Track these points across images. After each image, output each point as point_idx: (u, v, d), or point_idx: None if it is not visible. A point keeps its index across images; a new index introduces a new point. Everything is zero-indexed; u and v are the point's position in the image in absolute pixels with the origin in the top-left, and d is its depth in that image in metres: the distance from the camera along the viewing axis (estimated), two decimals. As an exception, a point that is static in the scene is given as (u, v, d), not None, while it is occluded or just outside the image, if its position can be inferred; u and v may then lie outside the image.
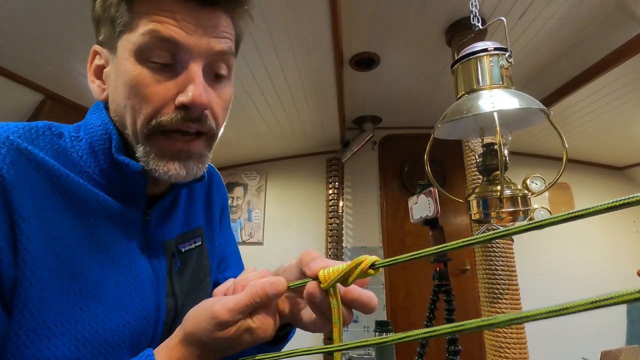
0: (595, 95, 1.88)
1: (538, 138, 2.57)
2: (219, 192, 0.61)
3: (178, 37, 0.38)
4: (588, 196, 2.77)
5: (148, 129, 0.39)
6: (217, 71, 0.42)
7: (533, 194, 0.79)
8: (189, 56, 0.39)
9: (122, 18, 0.39)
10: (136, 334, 0.41)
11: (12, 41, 1.28)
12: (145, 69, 0.39)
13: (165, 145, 0.40)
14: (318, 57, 1.63)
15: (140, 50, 0.38)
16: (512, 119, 0.79)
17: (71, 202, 0.38)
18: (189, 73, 0.39)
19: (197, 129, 0.41)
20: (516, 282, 1.37)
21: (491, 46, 0.76)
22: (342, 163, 2.77)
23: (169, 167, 0.40)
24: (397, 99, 2.41)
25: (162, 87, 0.39)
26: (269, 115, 2.21)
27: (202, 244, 0.55)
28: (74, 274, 0.37)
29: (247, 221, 2.91)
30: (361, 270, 0.33)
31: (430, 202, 0.94)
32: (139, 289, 0.42)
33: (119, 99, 0.40)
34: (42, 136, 0.40)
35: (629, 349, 0.98)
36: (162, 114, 0.39)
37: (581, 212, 0.23)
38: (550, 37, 1.66)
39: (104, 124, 0.43)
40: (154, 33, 0.38)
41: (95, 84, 0.44)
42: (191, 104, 0.38)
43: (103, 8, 0.41)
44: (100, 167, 0.42)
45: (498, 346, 1.31)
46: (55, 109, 1.64)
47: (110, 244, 0.41)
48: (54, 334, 0.34)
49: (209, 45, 0.40)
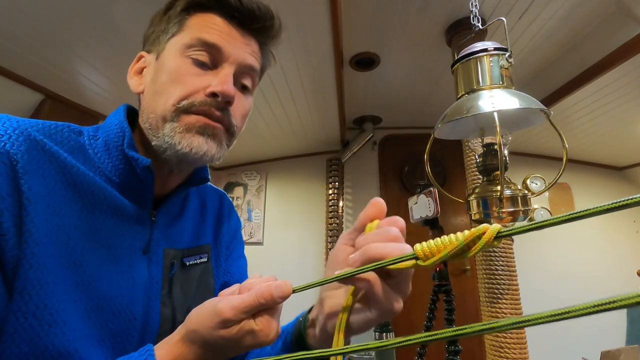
0: (595, 96, 1.88)
1: (538, 138, 2.57)
2: (230, 217, 0.64)
3: (220, 44, 0.46)
4: (588, 196, 2.77)
5: (178, 108, 0.44)
6: (243, 82, 0.49)
7: (533, 194, 0.79)
8: (224, 60, 0.46)
9: (176, 26, 0.47)
10: (119, 336, 0.41)
11: (12, 41, 1.28)
12: (187, 62, 0.45)
13: (194, 120, 0.44)
14: (318, 57, 1.63)
15: (185, 47, 0.45)
16: (512, 119, 0.79)
17: (79, 195, 0.40)
18: (222, 71, 0.46)
19: (219, 117, 0.45)
20: (516, 282, 1.37)
21: (491, 46, 0.76)
22: (342, 163, 2.77)
23: (192, 140, 0.43)
24: (397, 99, 2.41)
25: (198, 79, 0.45)
26: (269, 115, 2.21)
27: (208, 261, 0.55)
28: (74, 265, 0.38)
29: (247, 221, 2.91)
30: (486, 242, 0.27)
31: (430, 202, 0.94)
32: (131, 291, 0.43)
33: (156, 85, 0.46)
34: (60, 132, 0.43)
35: (629, 349, 0.98)
36: (194, 97, 0.44)
37: (582, 212, 0.23)
38: (550, 37, 1.66)
39: (120, 122, 0.46)
40: (201, 38, 0.45)
41: (133, 79, 0.50)
42: (220, 93, 0.44)
43: (160, 22, 0.49)
44: (113, 163, 0.45)
45: (498, 346, 1.31)
46: (55, 109, 1.64)
47: (113, 240, 0.42)
48: (56, 321, 0.35)
49: (242, 56, 0.47)
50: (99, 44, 1.35)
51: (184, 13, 0.47)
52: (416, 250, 0.30)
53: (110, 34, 1.30)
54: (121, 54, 1.41)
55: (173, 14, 0.48)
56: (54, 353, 0.35)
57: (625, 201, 0.22)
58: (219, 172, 3.06)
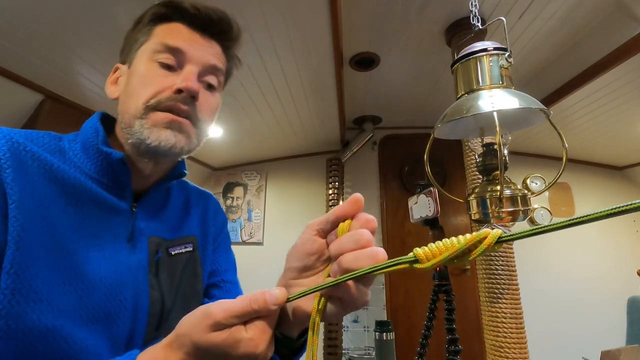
0: (595, 95, 1.88)
1: (538, 138, 2.57)
2: (216, 213, 0.68)
3: (183, 47, 0.51)
4: (588, 196, 2.77)
5: (147, 106, 0.48)
6: (208, 81, 0.53)
7: (533, 193, 0.78)
8: (188, 61, 0.51)
9: (143, 37, 0.52)
10: (111, 315, 0.44)
11: (12, 41, 1.28)
12: (153, 66, 0.50)
13: (160, 117, 0.48)
14: (318, 57, 1.63)
15: (153, 53, 0.50)
16: (512, 119, 0.79)
17: (62, 189, 0.44)
18: (186, 70, 0.50)
19: (186, 112, 0.49)
20: (516, 282, 1.37)
21: (491, 46, 0.76)
22: (342, 163, 2.77)
23: (160, 134, 0.48)
24: (397, 99, 2.41)
25: (164, 79, 0.49)
26: (269, 115, 2.21)
27: (194, 250, 0.58)
28: (60, 250, 0.41)
29: (247, 221, 2.91)
30: (486, 247, 0.28)
31: (430, 202, 0.94)
32: (119, 274, 0.46)
33: (128, 91, 0.50)
34: (41, 138, 0.48)
35: (629, 349, 0.98)
36: (160, 95, 0.49)
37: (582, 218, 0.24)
38: (550, 37, 1.66)
39: (94, 124, 0.51)
40: (165, 43, 0.50)
41: (110, 88, 0.55)
42: (184, 88, 0.48)
43: (133, 34, 0.55)
44: (92, 161, 0.49)
45: (498, 346, 1.31)
46: (55, 109, 1.64)
47: (98, 229, 0.46)
48: (40, 299, 0.38)
49: (205, 57, 0.52)
50: (99, 44, 1.35)
51: (151, 24, 0.53)
52: (417, 254, 0.31)
53: (111, 35, 1.30)
54: (121, 54, 1.41)
55: (141, 26, 0.54)
56: (41, 328, 0.38)
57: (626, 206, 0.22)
58: (219, 172, 3.06)
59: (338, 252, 0.35)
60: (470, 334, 2.43)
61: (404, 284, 2.60)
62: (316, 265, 0.39)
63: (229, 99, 1.95)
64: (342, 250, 0.34)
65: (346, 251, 0.34)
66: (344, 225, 0.36)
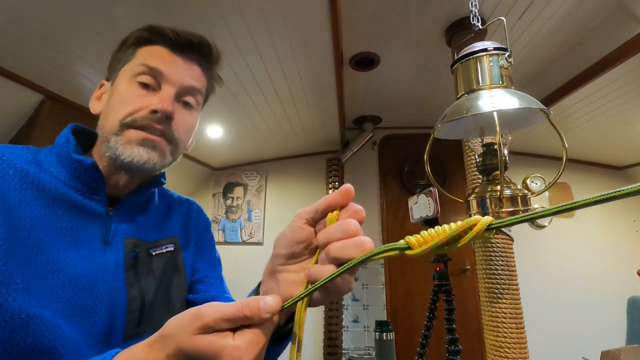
0: (595, 95, 1.88)
1: (538, 138, 2.57)
2: (198, 217, 0.70)
3: (162, 67, 0.53)
4: (588, 196, 2.69)
5: (122, 123, 0.51)
6: (186, 100, 0.56)
7: (533, 193, 0.79)
8: (166, 81, 0.54)
9: (126, 57, 0.55)
10: (87, 311, 0.46)
11: (12, 41, 1.28)
12: (133, 86, 0.53)
13: (134, 134, 0.51)
14: (318, 57, 1.63)
15: (132, 74, 0.53)
16: (512, 119, 0.79)
17: (38, 193, 0.47)
18: (162, 91, 0.53)
19: (160, 131, 0.52)
20: (516, 282, 1.37)
21: (491, 46, 0.76)
22: (342, 163, 2.77)
23: (133, 151, 0.50)
24: (397, 99, 2.41)
25: (142, 99, 0.52)
26: (269, 115, 2.21)
27: (175, 250, 0.61)
28: (37, 247, 0.44)
29: (247, 221, 2.91)
30: (476, 233, 0.28)
31: (430, 202, 0.94)
32: (95, 273, 0.48)
33: (109, 109, 0.54)
34: (19, 151, 0.50)
35: (629, 349, 0.98)
36: (136, 114, 0.51)
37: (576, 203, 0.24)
38: (550, 36, 1.66)
39: (65, 135, 0.54)
40: (146, 64, 0.53)
41: (94, 103, 0.58)
42: (159, 109, 0.51)
43: (117, 54, 0.57)
44: (66, 170, 0.51)
45: (498, 346, 1.31)
46: (55, 109, 1.64)
47: (74, 231, 0.48)
48: (22, 290, 0.40)
49: (183, 78, 0.55)
50: (99, 44, 1.35)
51: (134, 46, 0.56)
52: (408, 240, 0.31)
53: (111, 35, 1.30)
54: (121, 54, 1.41)
55: (125, 47, 0.57)
56: (23, 316, 0.40)
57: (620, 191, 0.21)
58: (219, 172, 3.06)
59: (326, 240, 0.35)
60: (470, 333, 2.43)
61: (404, 284, 2.60)
62: (304, 253, 0.39)
63: (229, 99, 1.95)
64: (330, 239, 0.35)
65: (334, 240, 0.35)
66: (333, 215, 0.37)
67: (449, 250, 0.30)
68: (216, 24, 1.35)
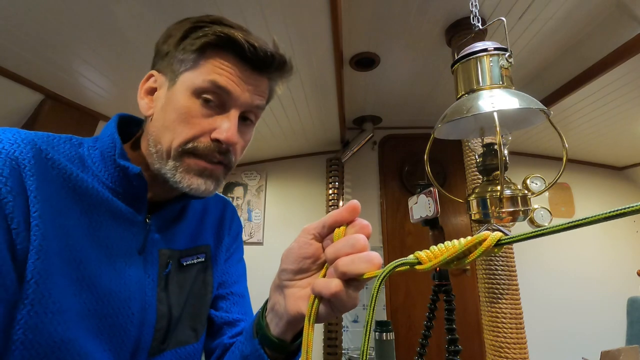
0: (595, 95, 1.88)
1: (538, 138, 2.57)
2: (232, 222, 0.67)
3: (231, 88, 0.48)
4: (588, 196, 2.77)
5: (183, 149, 0.47)
6: (247, 117, 0.52)
7: (533, 194, 0.78)
8: (233, 103, 0.49)
9: (190, 60, 0.48)
10: (117, 328, 0.44)
11: (12, 41, 1.28)
12: (197, 103, 0.47)
13: (194, 164, 0.48)
14: (318, 57, 1.63)
15: (198, 90, 0.47)
16: (512, 119, 0.79)
17: (79, 198, 0.44)
18: (229, 116, 0.48)
19: (221, 160, 0.49)
20: (516, 282, 1.37)
21: (491, 46, 0.76)
22: (342, 163, 2.77)
23: (192, 181, 0.48)
24: (397, 99, 2.41)
25: (205, 121, 0.48)
26: (269, 115, 2.21)
27: (206, 261, 0.59)
28: (73, 261, 0.41)
29: (247, 221, 2.91)
30: (485, 249, 0.28)
31: (430, 202, 0.94)
32: (128, 288, 0.46)
33: (165, 120, 0.48)
34: (62, 144, 0.47)
35: (629, 349, 0.98)
36: (199, 141, 0.47)
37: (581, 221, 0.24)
38: (550, 37, 1.66)
39: (112, 134, 0.50)
40: (214, 82, 0.47)
41: (144, 100, 0.52)
42: (225, 141, 0.47)
43: (175, 48, 0.49)
44: (109, 171, 0.48)
45: (498, 346, 1.31)
46: (55, 109, 1.64)
47: (111, 240, 0.46)
48: (59, 310, 0.39)
49: (250, 99, 0.50)
50: (99, 44, 1.35)
51: (201, 51, 0.48)
52: (418, 256, 0.31)
53: (111, 35, 1.30)
54: (121, 55, 1.41)
55: (189, 47, 0.48)
56: (57, 340, 0.38)
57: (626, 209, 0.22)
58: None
59: (334, 256, 0.36)
60: (470, 334, 2.43)
61: (404, 284, 2.60)
62: (311, 268, 0.40)
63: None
64: (338, 254, 0.35)
65: (342, 255, 0.35)
66: (340, 230, 0.37)
67: (457, 265, 0.31)
68: (216, 24, 1.35)
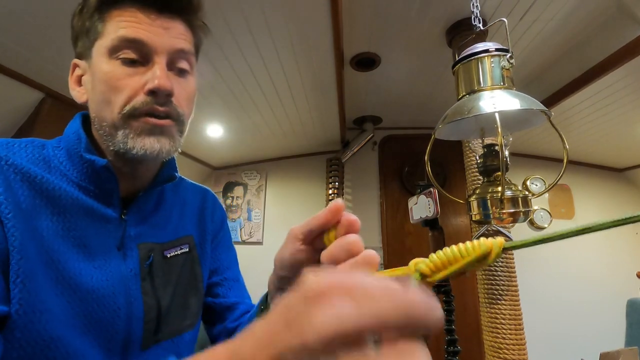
0: (596, 97, 1.88)
1: (538, 139, 2.57)
2: (214, 210, 0.66)
3: (143, 36, 0.45)
4: (588, 198, 2.77)
5: (123, 115, 0.45)
6: (179, 66, 0.49)
7: (533, 195, 0.78)
8: (153, 52, 0.46)
9: (95, 28, 0.46)
10: (104, 324, 0.44)
11: (12, 39, 1.27)
12: (116, 65, 0.45)
13: (140, 125, 0.45)
14: (318, 57, 1.63)
15: (111, 50, 0.45)
16: (513, 120, 0.79)
17: (47, 200, 0.44)
18: (154, 65, 0.46)
19: (165, 112, 0.46)
20: (515, 283, 1.37)
21: (492, 47, 0.76)
22: (342, 163, 2.77)
23: (144, 142, 0.45)
24: (398, 99, 2.41)
25: (132, 79, 0.45)
26: (269, 115, 2.21)
27: (190, 251, 0.58)
28: (51, 262, 0.41)
29: (247, 221, 2.91)
30: (495, 256, 0.29)
31: (430, 203, 0.94)
32: (111, 284, 0.46)
33: (97, 95, 0.46)
34: (24, 148, 0.46)
35: (628, 351, 0.98)
36: (135, 100, 0.45)
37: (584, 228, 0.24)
38: (551, 38, 1.66)
39: (76, 130, 0.49)
40: (122, 37, 0.44)
41: (75, 90, 0.51)
42: (157, 89, 0.45)
43: (80, 22, 0.48)
44: (77, 169, 0.47)
45: (497, 347, 1.31)
46: (56, 108, 1.64)
47: (88, 239, 0.46)
48: (46, 309, 0.39)
49: (170, 43, 0.47)
50: (99, 42, 1.35)
51: (99, 12, 0.46)
52: (422, 271, 0.30)
53: (111, 33, 1.30)
54: (122, 53, 1.41)
55: (87, 15, 0.47)
56: (46, 338, 0.38)
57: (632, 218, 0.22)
58: (219, 172, 3.06)
59: (331, 262, 0.35)
60: (470, 334, 2.43)
61: (403, 285, 2.59)
62: None
63: (229, 98, 1.95)
64: (335, 261, 0.34)
65: (340, 262, 0.34)
66: (330, 235, 0.36)
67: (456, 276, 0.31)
68: (216, 22, 1.34)
